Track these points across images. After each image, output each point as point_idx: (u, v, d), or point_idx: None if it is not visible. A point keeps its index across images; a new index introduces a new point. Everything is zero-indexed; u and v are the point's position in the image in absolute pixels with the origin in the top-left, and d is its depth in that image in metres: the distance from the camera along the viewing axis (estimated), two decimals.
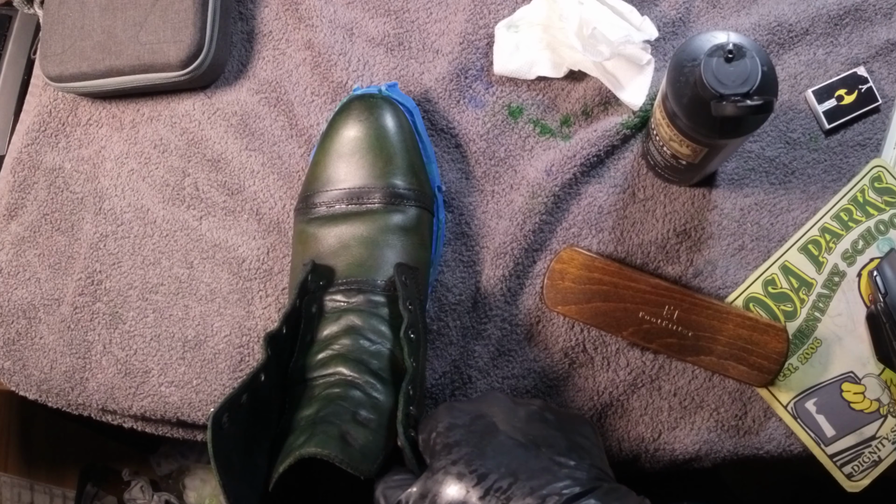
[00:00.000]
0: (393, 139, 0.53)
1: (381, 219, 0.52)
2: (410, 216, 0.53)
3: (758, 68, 0.43)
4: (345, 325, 0.48)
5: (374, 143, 0.53)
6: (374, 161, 0.53)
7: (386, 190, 0.52)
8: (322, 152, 0.54)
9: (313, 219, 0.53)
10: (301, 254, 0.53)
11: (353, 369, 0.46)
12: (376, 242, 0.51)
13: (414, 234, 0.53)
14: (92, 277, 0.61)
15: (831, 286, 0.56)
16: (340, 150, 0.53)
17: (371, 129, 0.53)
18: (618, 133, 0.58)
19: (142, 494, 1.25)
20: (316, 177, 0.54)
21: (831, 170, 0.58)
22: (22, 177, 0.63)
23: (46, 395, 0.61)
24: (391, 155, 0.53)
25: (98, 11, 0.60)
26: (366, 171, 0.52)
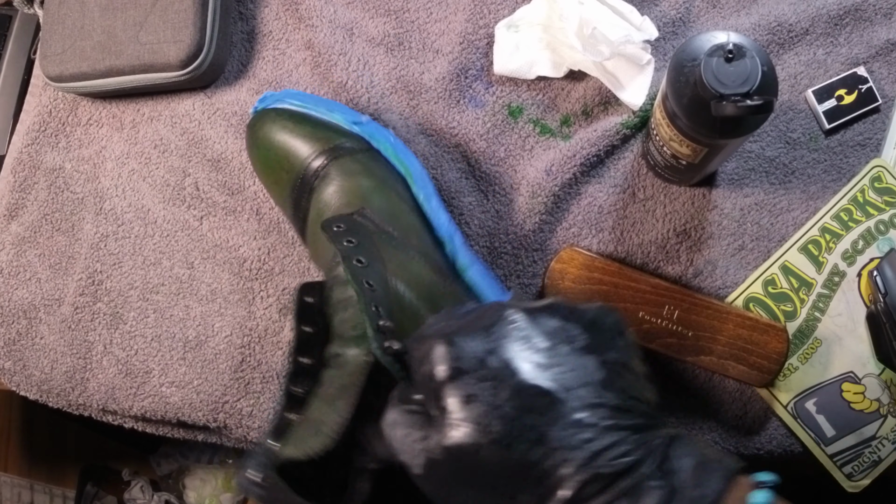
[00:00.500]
0: (266, 141, 0.54)
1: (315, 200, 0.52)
2: (329, 177, 0.52)
3: (758, 68, 0.43)
4: (330, 312, 0.46)
5: (268, 154, 0.54)
6: (279, 165, 0.53)
7: (292, 184, 0.52)
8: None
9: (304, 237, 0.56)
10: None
11: (334, 347, 0.44)
12: (316, 223, 0.50)
13: (342, 188, 0.51)
14: (92, 278, 0.61)
15: (831, 286, 0.56)
16: (266, 182, 0.56)
17: (252, 154, 0.55)
18: (618, 133, 0.58)
19: (142, 494, 1.25)
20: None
21: (831, 170, 0.58)
22: (22, 177, 0.63)
23: (47, 396, 0.61)
24: (284, 150, 0.53)
25: (98, 11, 0.60)
26: (284, 180, 0.53)
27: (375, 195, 0.51)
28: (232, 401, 0.58)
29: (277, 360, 0.58)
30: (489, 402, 0.31)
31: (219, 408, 0.58)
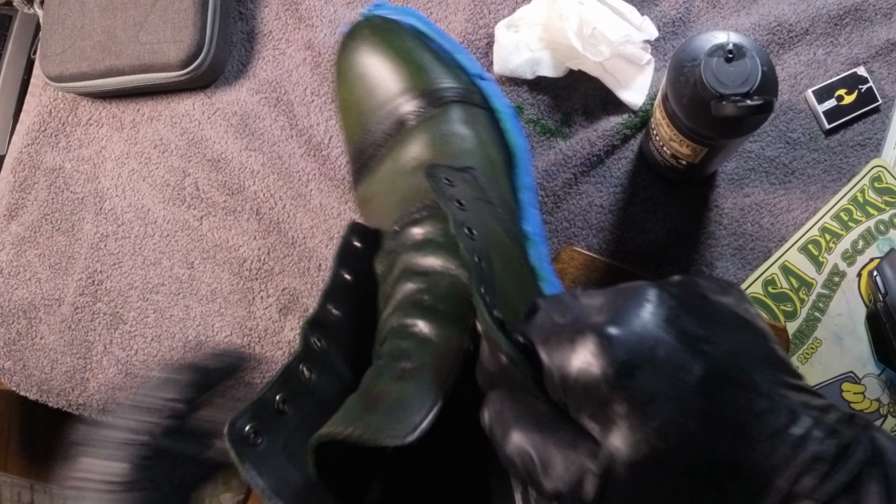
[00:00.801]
0: (383, 53, 0.47)
1: (402, 143, 0.45)
2: (439, 119, 0.45)
3: (758, 68, 0.43)
4: (396, 275, 0.40)
5: (365, 72, 0.47)
6: (372, 90, 0.47)
7: (393, 112, 0.46)
8: (337, 109, 0.50)
9: (359, 184, 0.48)
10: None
11: (402, 317, 0.37)
12: (404, 171, 0.44)
13: (452, 135, 0.45)
14: (92, 277, 0.61)
15: (831, 286, 0.56)
16: (346, 100, 0.49)
17: (354, 60, 0.48)
18: (618, 133, 0.58)
19: None
20: (347, 137, 0.50)
21: (831, 170, 0.58)
22: (22, 177, 0.63)
23: (47, 395, 0.61)
24: (388, 71, 0.46)
25: (98, 11, 0.60)
26: (370, 103, 0.47)
27: (482, 158, 0.45)
28: None
29: (277, 360, 0.58)
30: (675, 397, 0.25)
31: None
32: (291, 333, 0.58)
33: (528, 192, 0.47)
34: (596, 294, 0.29)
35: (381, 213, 0.44)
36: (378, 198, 0.45)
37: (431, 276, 0.38)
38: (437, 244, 0.39)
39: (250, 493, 1.28)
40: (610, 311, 0.27)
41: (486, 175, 0.44)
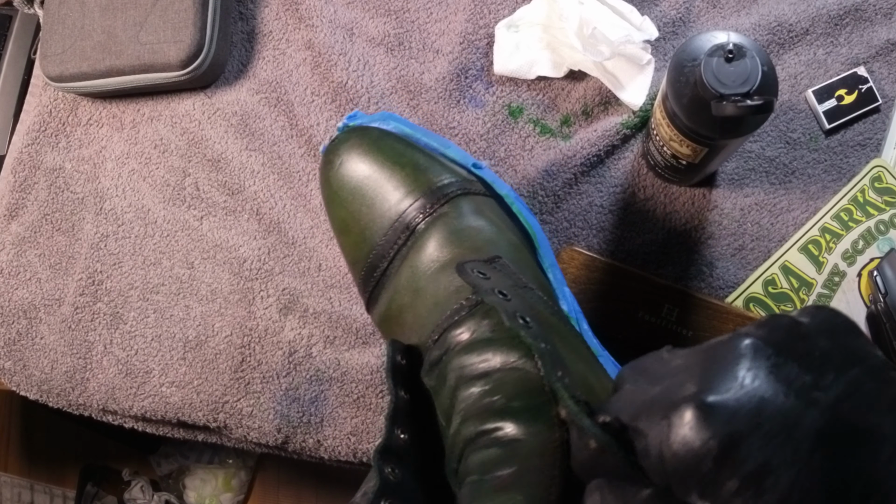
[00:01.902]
0: (374, 162, 0.45)
1: (416, 248, 0.43)
2: (450, 216, 0.43)
3: (758, 68, 0.43)
4: (451, 384, 0.37)
5: (359, 185, 0.44)
6: (372, 202, 0.44)
7: (399, 219, 0.43)
8: (334, 232, 0.48)
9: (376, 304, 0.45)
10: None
11: (478, 424, 0.34)
12: (427, 276, 0.41)
13: (468, 229, 0.43)
14: (93, 277, 0.61)
15: (831, 286, 0.56)
16: (343, 220, 0.46)
17: (344, 176, 0.45)
18: (618, 133, 0.58)
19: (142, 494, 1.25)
20: (351, 261, 0.47)
21: (831, 170, 0.58)
22: (22, 177, 0.63)
23: (47, 396, 0.61)
24: (384, 179, 0.44)
25: (98, 11, 0.60)
26: (372, 216, 0.44)
27: (505, 245, 0.43)
28: (232, 401, 0.58)
29: (277, 360, 0.58)
30: (791, 463, 0.23)
31: (219, 408, 0.58)
32: (291, 333, 0.58)
33: (554, 270, 0.46)
34: (684, 354, 0.27)
35: (412, 325, 0.41)
36: (405, 311, 0.42)
37: (493, 375, 0.35)
38: (488, 341, 0.36)
39: (250, 493, 1.28)
40: (703, 375, 0.25)
41: (514, 261, 0.42)
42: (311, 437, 0.57)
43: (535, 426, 0.32)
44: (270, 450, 0.60)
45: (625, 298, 0.55)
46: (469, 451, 0.34)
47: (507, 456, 0.32)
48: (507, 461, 0.32)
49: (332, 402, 0.57)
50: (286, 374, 0.57)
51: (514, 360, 0.35)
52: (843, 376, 0.25)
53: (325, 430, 0.57)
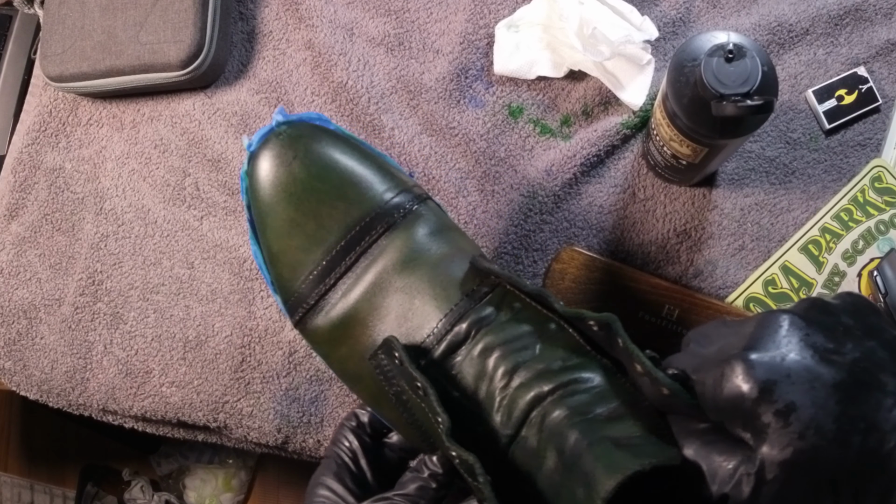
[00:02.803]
0: (337, 158, 0.42)
1: (396, 245, 0.41)
2: (426, 217, 0.43)
3: (758, 68, 0.43)
4: (480, 364, 0.38)
5: (324, 176, 0.41)
6: (343, 191, 0.41)
7: (378, 209, 0.41)
8: (274, 234, 0.42)
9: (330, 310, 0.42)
10: (348, 361, 0.42)
11: (542, 385, 0.37)
12: (416, 270, 0.41)
13: (449, 229, 0.43)
14: (93, 278, 0.61)
15: (831, 286, 0.56)
16: (295, 215, 0.41)
17: (305, 166, 0.41)
18: (618, 133, 0.58)
19: (142, 494, 1.25)
20: (294, 264, 0.42)
21: (831, 170, 0.58)
22: (22, 177, 0.63)
23: (47, 396, 0.61)
24: (350, 174, 0.42)
25: (98, 11, 0.60)
26: (341, 210, 0.41)
27: (469, 243, 0.44)
28: (232, 401, 0.58)
29: (277, 360, 0.58)
30: (811, 404, 0.30)
31: (219, 408, 0.58)
32: (291, 333, 0.58)
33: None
34: (735, 323, 0.35)
35: (396, 322, 0.40)
36: (384, 310, 0.40)
37: (538, 344, 0.38)
38: (518, 318, 0.39)
39: (250, 493, 1.28)
40: (750, 339, 0.33)
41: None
42: (311, 437, 0.57)
43: (602, 376, 0.37)
44: (270, 450, 0.60)
45: (625, 298, 0.55)
46: (547, 406, 0.36)
47: (598, 398, 0.36)
48: (600, 401, 0.36)
49: (332, 402, 0.57)
50: (286, 374, 0.57)
51: (552, 328, 0.39)
52: (859, 346, 0.32)
53: (325, 430, 0.57)
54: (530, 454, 0.36)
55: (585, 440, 0.34)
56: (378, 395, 0.41)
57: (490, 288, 0.40)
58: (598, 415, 0.35)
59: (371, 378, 0.40)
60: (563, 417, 0.36)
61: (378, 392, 0.40)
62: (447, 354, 0.39)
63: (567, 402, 0.36)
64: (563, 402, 0.36)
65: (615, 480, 0.31)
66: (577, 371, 0.37)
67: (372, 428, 0.44)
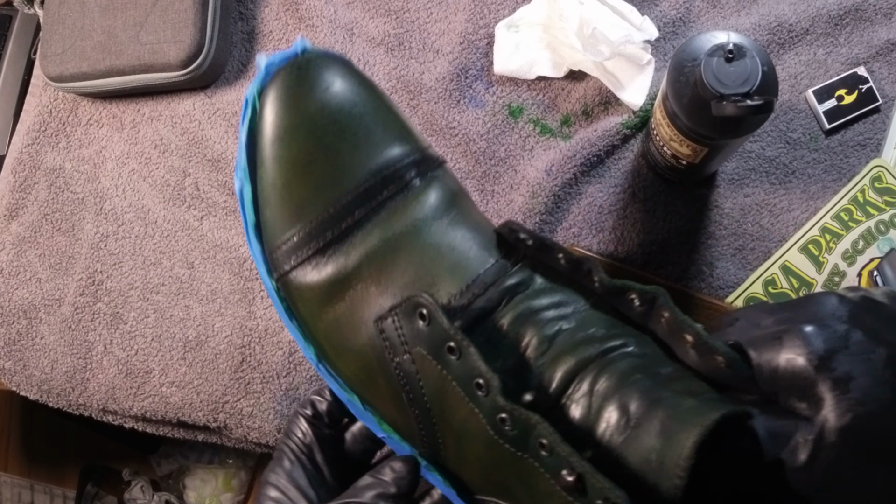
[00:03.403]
0: (367, 99, 0.37)
1: (410, 204, 0.36)
2: (443, 179, 0.38)
3: (758, 68, 0.43)
4: (512, 332, 0.34)
5: (354, 114, 0.36)
6: (369, 135, 0.36)
7: (400, 163, 0.37)
8: (281, 167, 0.36)
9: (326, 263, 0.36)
10: (338, 326, 0.36)
11: (584, 352, 0.33)
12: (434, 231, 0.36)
13: (464, 194, 0.39)
14: (93, 278, 0.61)
15: (832, 286, 0.56)
16: (311, 150, 0.36)
17: (335, 98, 0.36)
18: (618, 133, 0.58)
19: (142, 494, 1.25)
20: (299, 205, 0.36)
21: (831, 170, 0.58)
22: (22, 177, 0.63)
23: (47, 396, 0.61)
24: (378, 119, 0.37)
25: (98, 11, 0.60)
26: (363, 154, 0.36)
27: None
28: (232, 401, 0.58)
29: (277, 360, 0.58)
30: (868, 374, 0.31)
31: (219, 408, 0.58)
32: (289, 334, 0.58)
33: None
34: (787, 302, 0.36)
35: (406, 283, 0.35)
36: (394, 269, 0.35)
37: (575, 315, 0.35)
38: (553, 288, 0.36)
39: (250, 493, 1.28)
40: (802, 314, 0.34)
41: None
42: None
43: (651, 345, 0.35)
44: (270, 450, 0.60)
45: None
46: (595, 371, 0.33)
47: (652, 361, 0.34)
48: (656, 364, 0.34)
49: None
50: (286, 374, 0.57)
51: (591, 299, 0.36)
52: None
53: None
54: (578, 421, 0.33)
55: (651, 395, 0.31)
56: (370, 369, 0.35)
57: (522, 255, 0.36)
58: (658, 373, 0.33)
59: (368, 348, 0.35)
60: (618, 378, 0.32)
61: (371, 365, 0.35)
62: (473, 323, 0.34)
63: (618, 365, 0.33)
64: (613, 366, 0.33)
65: (698, 429, 0.28)
66: (623, 338, 0.34)
67: (331, 417, 0.39)
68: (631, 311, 0.35)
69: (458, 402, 0.32)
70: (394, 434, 0.37)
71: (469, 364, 0.32)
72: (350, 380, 0.37)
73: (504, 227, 0.36)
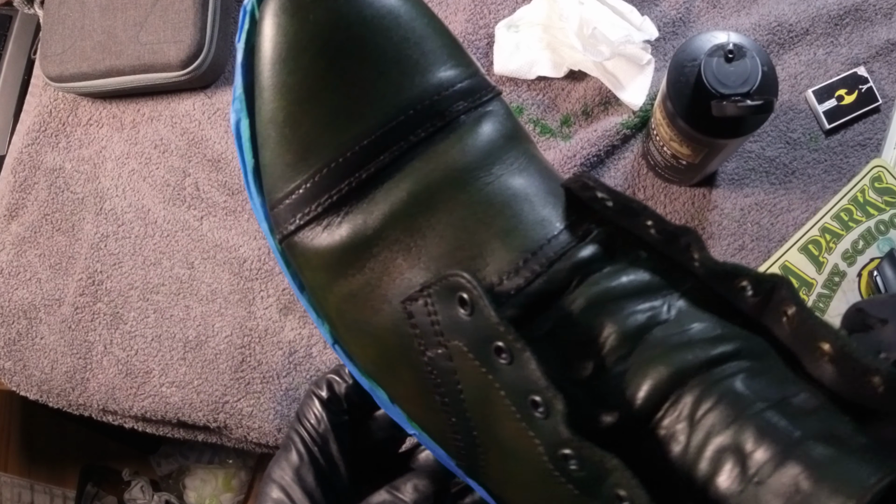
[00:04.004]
0: (398, 8, 0.29)
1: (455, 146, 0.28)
2: (498, 114, 0.30)
3: (758, 68, 0.43)
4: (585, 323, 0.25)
5: (378, 27, 0.28)
6: (399, 55, 0.28)
7: (438, 93, 0.28)
8: (286, 96, 0.29)
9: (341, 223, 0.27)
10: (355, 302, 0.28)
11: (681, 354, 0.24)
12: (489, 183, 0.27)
13: (522, 138, 0.30)
14: (93, 278, 0.61)
15: (832, 286, 0.56)
16: (324, 74, 0.28)
17: (356, 7, 0.28)
18: (618, 133, 0.58)
19: (142, 494, 1.25)
20: (307, 145, 0.28)
21: (831, 170, 0.58)
22: (22, 177, 0.63)
23: (47, 396, 0.61)
24: (412, 34, 0.28)
25: (98, 11, 0.60)
26: (391, 81, 0.28)
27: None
28: (232, 401, 0.58)
29: (277, 360, 0.58)
30: None
31: (219, 408, 0.58)
32: (292, 333, 0.58)
33: None
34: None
35: (448, 250, 0.27)
36: (433, 230, 0.27)
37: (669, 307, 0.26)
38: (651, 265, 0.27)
39: (250, 493, 1.28)
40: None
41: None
42: None
43: (765, 356, 0.25)
44: (270, 450, 0.60)
45: None
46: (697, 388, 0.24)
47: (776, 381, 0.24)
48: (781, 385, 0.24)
49: None
50: (286, 374, 0.57)
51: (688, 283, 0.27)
52: None
53: None
54: (674, 459, 0.24)
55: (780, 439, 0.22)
56: (391, 358, 0.28)
57: (597, 222, 0.27)
58: (787, 402, 0.23)
59: (390, 333, 0.27)
60: (730, 406, 0.23)
61: (392, 354, 0.27)
62: (532, 308, 0.26)
63: (729, 385, 0.24)
64: (723, 386, 0.24)
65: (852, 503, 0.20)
66: (733, 342, 0.25)
67: (349, 402, 0.32)
68: (741, 301, 0.26)
69: (507, 417, 0.25)
70: (427, 434, 0.29)
71: (523, 372, 0.23)
72: (366, 367, 0.29)
73: (576, 180, 0.27)
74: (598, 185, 0.26)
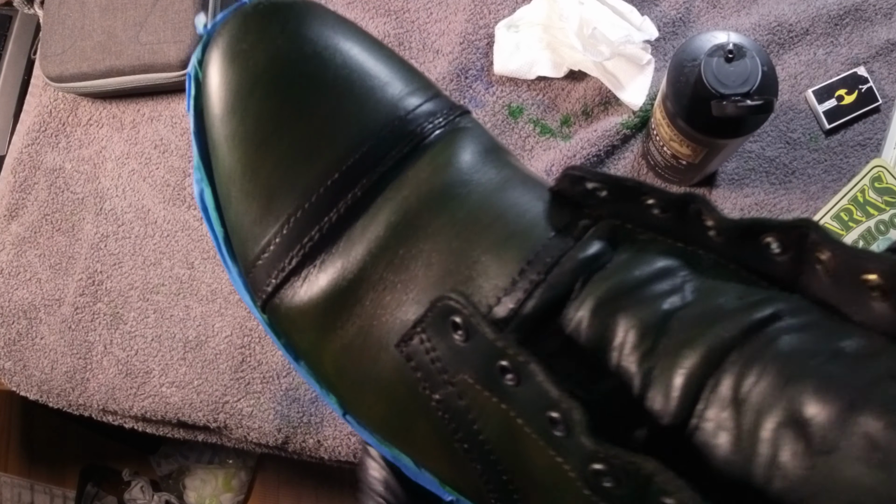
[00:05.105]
0: (341, 40, 0.27)
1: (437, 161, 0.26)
2: (472, 131, 0.28)
3: (758, 68, 0.43)
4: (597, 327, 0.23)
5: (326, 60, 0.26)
6: (351, 85, 0.26)
7: (401, 117, 0.27)
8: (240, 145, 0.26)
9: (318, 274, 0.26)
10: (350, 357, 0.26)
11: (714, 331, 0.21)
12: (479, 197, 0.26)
13: (497, 149, 0.28)
14: (93, 278, 0.61)
15: None
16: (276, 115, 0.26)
17: (298, 43, 0.26)
18: (618, 133, 0.58)
19: (142, 494, 1.25)
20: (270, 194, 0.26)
21: (831, 170, 0.58)
22: (22, 177, 0.63)
23: (47, 396, 0.61)
24: (362, 63, 0.27)
25: (98, 11, 0.60)
26: (348, 112, 0.26)
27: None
28: (232, 401, 0.58)
29: (277, 360, 0.58)
30: None
31: (219, 408, 0.58)
32: None
33: None
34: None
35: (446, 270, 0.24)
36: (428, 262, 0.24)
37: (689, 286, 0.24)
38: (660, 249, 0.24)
39: (250, 494, 1.28)
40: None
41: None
42: (311, 437, 0.57)
43: (808, 310, 0.23)
44: (270, 450, 0.60)
45: None
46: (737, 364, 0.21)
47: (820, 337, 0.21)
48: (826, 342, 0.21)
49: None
50: (286, 374, 0.57)
51: (706, 258, 0.24)
52: None
53: (325, 430, 0.57)
54: (726, 456, 0.20)
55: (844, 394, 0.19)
56: (403, 412, 0.25)
57: (593, 219, 0.25)
58: (841, 351, 0.20)
59: (395, 383, 0.24)
60: (779, 370, 0.20)
61: (403, 405, 0.25)
62: (538, 322, 0.23)
63: (774, 348, 0.20)
64: (767, 351, 0.20)
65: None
66: (770, 304, 0.22)
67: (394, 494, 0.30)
68: (769, 263, 0.23)
69: (532, 447, 0.22)
70: (462, 495, 0.26)
71: (533, 389, 0.21)
72: (381, 431, 0.26)
73: (563, 178, 0.25)
74: (586, 174, 0.25)
